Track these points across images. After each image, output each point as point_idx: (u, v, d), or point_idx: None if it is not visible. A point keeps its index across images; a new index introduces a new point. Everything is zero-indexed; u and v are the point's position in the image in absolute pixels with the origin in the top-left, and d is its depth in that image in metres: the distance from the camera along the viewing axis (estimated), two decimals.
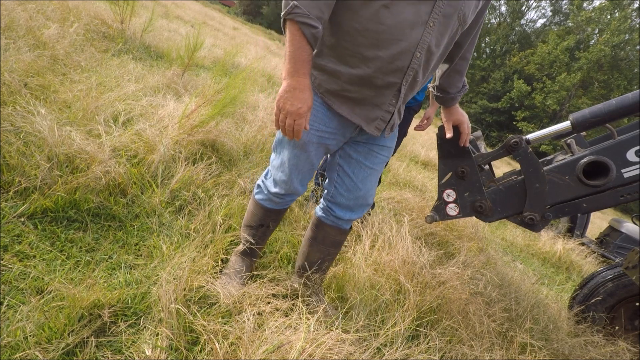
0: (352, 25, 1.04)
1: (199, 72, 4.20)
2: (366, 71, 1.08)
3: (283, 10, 0.98)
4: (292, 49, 0.99)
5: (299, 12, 0.96)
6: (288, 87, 1.01)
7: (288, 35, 0.99)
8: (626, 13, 26.91)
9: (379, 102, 1.15)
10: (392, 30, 1.02)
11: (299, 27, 0.97)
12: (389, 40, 1.03)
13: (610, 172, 1.41)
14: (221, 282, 1.42)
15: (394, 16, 1.01)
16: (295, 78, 1.01)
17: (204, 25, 9.47)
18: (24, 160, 1.49)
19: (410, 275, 1.77)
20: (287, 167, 1.26)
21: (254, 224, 1.47)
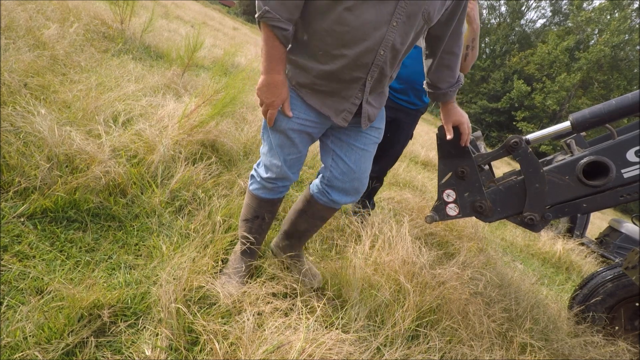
0: (320, 25, 1.12)
1: (199, 72, 4.21)
2: (333, 67, 1.16)
3: (257, 13, 1.08)
4: (267, 48, 1.12)
5: (270, 16, 1.05)
6: (264, 82, 1.16)
7: (263, 35, 1.10)
8: (626, 13, 26.94)
9: (346, 95, 1.23)
10: (356, 31, 1.09)
11: (271, 29, 1.08)
12: (354, 40, 1.10)
13: (610, 172, 1.41)
14: (221, 281, 1.42)
15: (357, 18, 1.07)
16: (270, 75, 1.15)
17: (204, 25, 9.47)
18: (23, 161, 1.49)
19: (410, 275, 1.77)
20: (274, 151, 1.33)
21: (249, 216, 1.49)
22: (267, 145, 1.35)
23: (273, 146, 1.32)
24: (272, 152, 1.34)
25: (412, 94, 2.07)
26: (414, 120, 2.23)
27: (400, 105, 2.10)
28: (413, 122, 2.23)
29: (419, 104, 2.14)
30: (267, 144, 1.36)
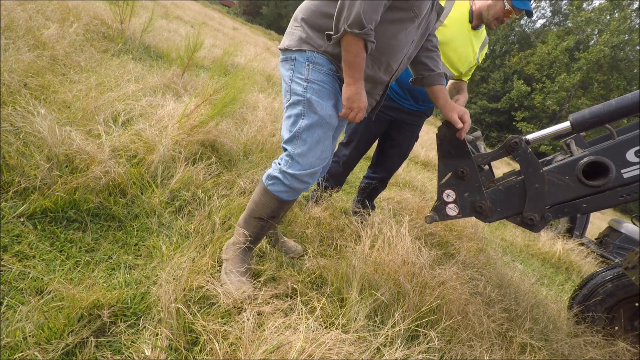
0: (379, 39, 1.28)
1: (199, 72, 4.20)
2: (375, 71, 1.39)
3: (353, 27, 1.16)
4: (358, 59, 1.23)
5: (370, 33, 1.18)
6: (357, 90, 1.29)
7: (354, 47, 1.20)
8: (626, 13, 26.95)
9: (372, 93, 1.47)
10: (401, 45, 1.35)
11: (366, 43, 1.21)
12: (398, 52, 1.36)
13: (610, 172, 1.41)
14: (231, 282, 1.39)
15: (406, 35, 1.34)
16: (361, 82, 1.29)
17: (204, 25, 9.47)
18: (23, 161, 1.49)
19: (409, 275, 1.77)
20: (322, 150, 1.37)
21: (265, 215, 1.46)
22: (307, 144, 1.35)
23: (318, 140, 1.35)
24: (314, 150, 1.36)
25: (411, 99, 2.09)
26: (417, 121, 2.23)
27: (401, 106, 2.12)
28: (416, 122, 2.24)
29: (422, 108, 2.15)
30: (306, 143, 1.35)
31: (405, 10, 1.27)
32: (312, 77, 1.33)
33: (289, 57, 1.37)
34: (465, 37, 2.01)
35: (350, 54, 1.21)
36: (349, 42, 1.19)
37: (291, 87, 1.37)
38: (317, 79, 1.34)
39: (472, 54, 2.07)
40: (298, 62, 1.34)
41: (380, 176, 2.39)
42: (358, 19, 1.14)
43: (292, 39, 1.37)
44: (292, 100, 1.36)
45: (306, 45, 1.33)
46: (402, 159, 2.37)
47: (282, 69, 1.42)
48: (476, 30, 2.04)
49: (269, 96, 4.42)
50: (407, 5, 1.26)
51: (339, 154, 2.32)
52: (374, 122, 2.17)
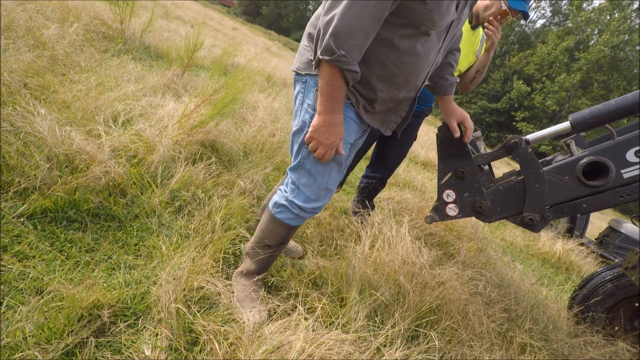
0: (389, 59, 1.15)
1: (199, 73, 4.21)
2: (394, 93, 1.24)
3: (324, 54, 1.04)
4: (331, 88, 1.09)
5: (344, 60, 1.03)
6: (324, 122, 1.13)
7: (327, 74, 1.07)
8: (625, 14, 26.96)
9: (396, 110, 1.33)
10: (423, 60, 1.19)
11: (342, 72, 1.06)
12: (419, 68, 1.20)
13: (610, 172, 1.41)
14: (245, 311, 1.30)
15: (426, 50, 1.17)
16: (332, 115, 1.12)
17: (204, 25, 9.47)
18: (23, 161, 1.49)
19: (409, 275, 1.77)
20: (326, 180, 1.29)
21: (274, 242, 1.42)
22: (312, 175, 1.27)
23: (323, 174, 1.27)
24: (320, 181, 1.28)
25: None
26: (416, 121, 2.25)
27: None
28: (416, 122, 2.25)
29: (422, 107, 2.16)
30: (311, 174, 1.27)
31: (413, 26, 1.10)
32: None
33: (300, 79, 1.29)
34: (466, 38, 2.03)
35: (324, 81, 1.09)
36: (323, 68, 1.08)
37: (299, 111, 1.28)
38: None
39: (472, 53, 2.10)
40: (308, 86, 1.24)
41: (380, 175, 2.40)
42: (328, 45, 1.02)
43: (300, 60, 1.27)
44: (298, 125, 1.27)
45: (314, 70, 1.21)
46: (401, 158, 2.38)
47: (295, 86, 1.33)
48: (475, 30, 2.06)
49: (269, 96, 4.42)
50: (413, 21, 1.09)
51: None
52: None
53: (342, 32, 1.00)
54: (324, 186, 1.30)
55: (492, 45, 2.00)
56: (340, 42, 1.01)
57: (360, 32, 1.02)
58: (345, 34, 1.01)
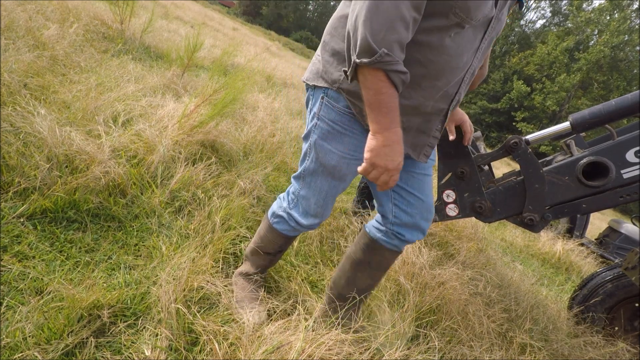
0: (413, 56, 0.97)
1: (199, 73, 4.21)
2: (419, 100, 1.04)
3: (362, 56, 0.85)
4: (381, 98, 0.89)
5: (388, 59, 0.84)
6: (386, 141, 0.91)
7: (371, 82, 0.88)
8: (625, 14, 26.97)
9: (426, 129, 1.12)
10: (454, 59, 1.00)
11: (388, 74, 0.87)
12: (449, 69, 1.01)
13: (610, 172, 1.41)
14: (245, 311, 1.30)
15: (458, 46, 0.99)
16: (391, 131, 0.91)
17: (204, 25, 9.47)
18: (23, 161, 1.49)
19: (409, 275, 1.77)
20: (323, 197, 1.20)
21: (272, 250, 1.40)
22: (311, 189, 1.20)
23: (322, 191, 1.19)
24: (318, 198, 1.21)
25: None
26: None
27: None
28: None
29: None
30: (310, 188, 1.20)
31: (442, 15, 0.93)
32: (323, 114, 1.11)
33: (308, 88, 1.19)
34: None
35: (369, 91, 0.89)
36: (364, 76, 0.89)
37: (307, 119, 1.19)
38: (327, 117, 1.10)
39: None
40: (317, 92, 1.13)
41: None
42: (365, 44, 0.84)
43: (310, 70, 1.17)
44: (305, 133, 1.19)
45: (321, 81, 1.10)
46: None
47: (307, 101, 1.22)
48: None
49: (269, 96, 4.42)
50: (442, 9, 0.92)
51: None
52: None
53: (380, 26, 0.83)
54: (321, 203, 1.22)
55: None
56: (379, 38, 0.83)
57: (401, 23, 0.85)
58: (384, 27, 0.83)
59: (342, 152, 1.11)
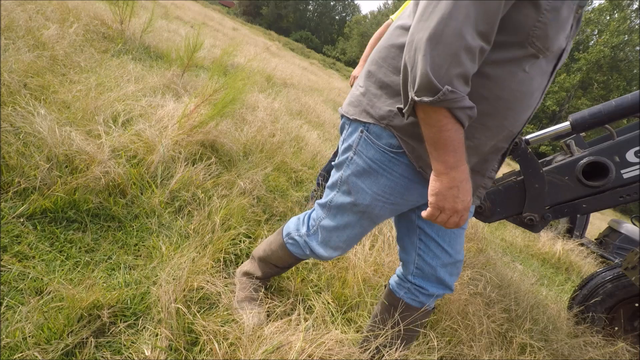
0: (478, 92, 0.85)
1: (199, 73, 4.21)
2: (481, 140, 0.93)
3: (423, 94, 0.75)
4: (447, 135, 0.78)
5: (453, 97, 0.74)
6: (452, 182, 0.81)
7: (435, 121, 0.78)
8: (625, 14, 26.99)
9: (482, 169, 1.03)
10: (525, 96, 0.89)
11: (453, 112, 0.76)
12: (519, 107, 0.90)
13: (610, 172, 1.41)
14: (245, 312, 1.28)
15: (530, 81, 0.87)
16: (459, 169, 0.81)
17: (204, 25, 9.48)
18: (23, 161, 1.49)
19: None
20: (348, 234, 1.12)
21: (281, 265, 1.37)
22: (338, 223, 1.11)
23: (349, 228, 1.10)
24: (342, 235, 1.12)
25: None
26: None
27: None
28: None
29: None
30: (337, 221, 1.11)
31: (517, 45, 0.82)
32: (361, 149, 1.01)
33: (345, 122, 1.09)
34: None
35: (432, 129, 0.79)
36: (425, 113, 0.78)
37: (340, 146, 1.09)
38: (365, 153, 1.00)
39: None
40: (356, 123, 1.03)
41: None
42: (426, 81, 0.73)
43: (351, 103, 1.06)
44: (337, 161, 1.10)
45: (365, 116, 0.99)
46: None
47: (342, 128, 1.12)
48: None
49: (269, 96, 4.42)
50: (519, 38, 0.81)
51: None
52: None
53: (442, 59, 0.72)
54: (344, 239, 1.12)
55: None
56: (441, 74, 0.73)
57: (466, 53, 0.73)
58: (447, 61, 0.72)
59: (376, 193, 1.01)
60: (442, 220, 0.86)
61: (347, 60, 51.01)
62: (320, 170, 2.40)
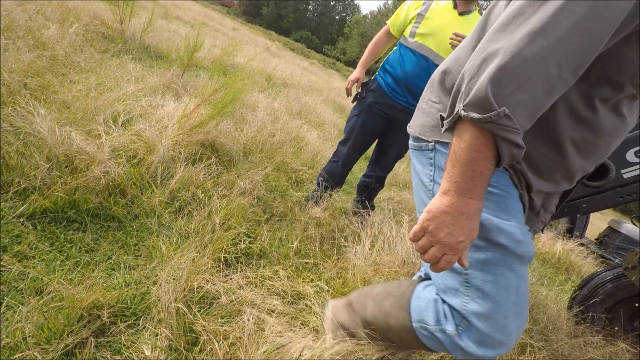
0: (568, 133, 0.75)
1: (199, 73, 4.21)
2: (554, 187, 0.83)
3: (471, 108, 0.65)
4: (475, 157, 0.66)
5: (506, 124, 0.61)
6: (453, 208, 0.69)
7: (470, 138, 0.66)
8: None
9: (546, 204, 0.93)
10: (614, 140, 0.78)
11: (497, 141, 0.64)
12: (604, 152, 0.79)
13: (610, 172, 1.41)
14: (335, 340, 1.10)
15: (623, 125, 0.76)
16: (466, 199, 0.69)
17: (204, 25, 9.48)
18: (23, 161, 1.49)
19: (410, 276, 1.77)
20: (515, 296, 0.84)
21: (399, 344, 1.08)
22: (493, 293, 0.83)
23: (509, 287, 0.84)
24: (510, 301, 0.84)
25: (409, 95, 2.08)
26: None
27: (398, 104, 2.11)
28: None
29: None
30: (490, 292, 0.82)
31: (614, 84, 0.70)
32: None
33: (424, 146, 0.92)
34: (454, 24, 1.97)
35: (462, 143, 0.68)
36: (463, 127, 0.68)
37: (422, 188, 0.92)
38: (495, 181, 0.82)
39: None
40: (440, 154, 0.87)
41: (376, 175, 2.39)
42: (481, 95, 0.62)
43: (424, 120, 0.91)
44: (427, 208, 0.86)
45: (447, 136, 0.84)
46: (397, 158, 2.37)
47: (414, 158, 0.96)
48: (465, 15, 2.00)
49: (269, 96, 4.42)
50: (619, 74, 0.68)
51: (339, 153, 2.32)
52: (369, 120, 2.17)
53: (511, 79, 0.60)
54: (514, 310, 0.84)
55: None
56: (504, 94, 0.61)
57: (542, 83, 0.61)
58: (516, 82, 0.60)
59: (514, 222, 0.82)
60: (421, 245, 0.74)
61: (347, 60, 51.02)
62: (320, 170, 2.40)
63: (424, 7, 1.99)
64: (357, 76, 2.26)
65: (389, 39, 2.23)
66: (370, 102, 2.16)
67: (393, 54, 2.15)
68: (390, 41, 2.26)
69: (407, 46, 2.03)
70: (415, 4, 2.03)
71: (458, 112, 0.67)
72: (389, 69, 2.12)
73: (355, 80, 2.26)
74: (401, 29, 2.11)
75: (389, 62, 2.15)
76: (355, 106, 2.26)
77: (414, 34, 1.98)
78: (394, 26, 2.14)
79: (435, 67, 1.95)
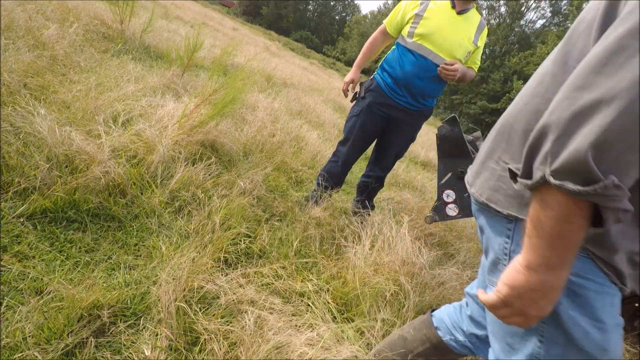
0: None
1: (199, 73, 4.21)
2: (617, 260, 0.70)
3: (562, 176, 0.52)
4: (567, 228, 0.56)
5: (615, 194, 0.50)
6: (543, 286, 0.61)
7: (560, 208, 0.55)
8: None
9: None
10: None
11: (601, 209, 0.53)
12: None
13: None
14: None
15: None
16: (558, 273, 0.60)
17: (204, 25, 9.48)
18: (23, 161, 1.49)
19: (409, 275, 1.77)
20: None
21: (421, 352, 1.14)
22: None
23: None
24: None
25: (408, 95, 2.08)
26: (415, 122, 2.22)
27: (397, 104, 2.11)
28: (414, 123, 2.22)
29: (418, 105, 2.14)
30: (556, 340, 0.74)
31: None
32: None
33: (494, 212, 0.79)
34: (453, 24, 1.95)
35: (549, 212, 0.56)
36: (553, 197, 0.56)
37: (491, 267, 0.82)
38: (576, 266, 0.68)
39: (467, 39, 2.00)
40: (520, 231, 0.75)
41: (376, 175, 2.39)
42: (580, 163, 0.50)
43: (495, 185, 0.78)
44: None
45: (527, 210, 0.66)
46: (397, 158, 2.37)
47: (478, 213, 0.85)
48: (463, 14, 1.99)
49: (268, 96, 4.42)
50: None
51: (338, 153, 2.32)
52: (369, 120, 2.17)
53: (620, 137, 0.48)
54: None
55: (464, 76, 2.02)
56: (608, 157, 0.49)
57: None
58: (625, 140, 0.48)
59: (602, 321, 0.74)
60: (501, 315, 0.66)
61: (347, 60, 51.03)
62: (320, 170, 2.40)
63: (422, 7, 1.98)
64: (352, 77, 2.27)
65: (386, 38, 2.23)
66: (369, 102, 2.15)
67: (392, 53, 2.15)
68: (387, 41, 2.25)
69: (406, 46, 2.02)
70: (412, 4, 2.02)
71: (545, 178, 0.55)
72: (388, 69, 2.12)
73: (350, 82, 2.26)
74: (398, 29, 2.10)
75: (387, 62, 2.14)
76: (355, 106, 2.25)
77: (412, 34, 1.98)
78: (391, 25, 2.13)
79: (435, 66, 1.95)
